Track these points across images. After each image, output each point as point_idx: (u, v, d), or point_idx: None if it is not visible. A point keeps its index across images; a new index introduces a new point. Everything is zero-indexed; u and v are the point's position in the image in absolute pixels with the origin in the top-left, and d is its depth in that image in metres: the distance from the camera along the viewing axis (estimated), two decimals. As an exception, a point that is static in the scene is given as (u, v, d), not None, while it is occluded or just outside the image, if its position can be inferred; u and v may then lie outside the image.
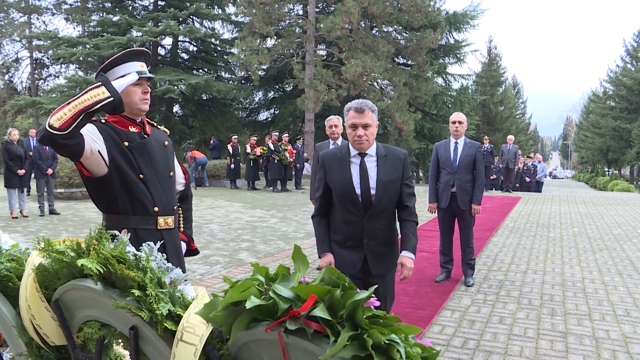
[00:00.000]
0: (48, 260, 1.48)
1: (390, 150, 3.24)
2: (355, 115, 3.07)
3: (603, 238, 9.42)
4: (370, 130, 3.09)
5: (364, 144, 3.10)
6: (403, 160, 3.21)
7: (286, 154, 18.26)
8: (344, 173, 3.16)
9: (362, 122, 3.05)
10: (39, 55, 32.84)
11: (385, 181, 3.13)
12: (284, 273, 1.05)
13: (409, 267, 3.09)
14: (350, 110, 3.10)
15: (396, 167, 3.17)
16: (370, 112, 3.08)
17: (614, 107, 46.39)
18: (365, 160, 3.16)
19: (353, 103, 3.10)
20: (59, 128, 2.34)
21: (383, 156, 3.17)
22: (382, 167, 3.15)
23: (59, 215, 11.71)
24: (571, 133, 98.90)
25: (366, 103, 3.09)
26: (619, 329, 4.60)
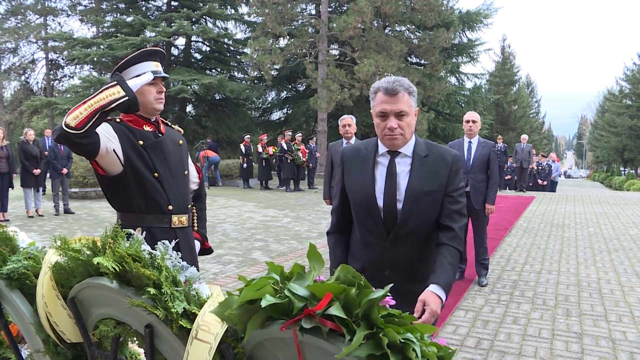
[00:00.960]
0: (64, 258, 1.49)
1: (435, 149, 2.35)
2: (385, 99, 2.19)
3: (619, 238, 9.32)
4: (407, 121, 2.21)
5: (397, 139, 2.23)
6: (450, 164, 2.29)
7: (299, 153, 18.28)
8: (365, 176, 2.33)
9: (394, 108, 2.18)
10: (54, 56, 33.15)
11: (417, 192, 2.24)
12: (299, 272, 1.05)
13: (433, 310, 1.99)
14: (379, 92, 2.24)
15: (438, 173, 2.27)
16: (406, 94, 2.19)
17: (631, 105, 45.89)
18: (395, 162, 2.30)
19: (382, 82, 2.23)
20: (75, 127, 2.36)
21: (422, 157, 2.30)
22: (417, 171, 2.27)
23: (73, 215, 11.81)
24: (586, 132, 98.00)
25: (401, 82, 2.20)
26: (636, 331, 4.55)
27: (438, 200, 2.28)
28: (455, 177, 2.30)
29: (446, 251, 2.23)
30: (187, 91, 23.76)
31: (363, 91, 22.16)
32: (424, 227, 2.30)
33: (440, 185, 2.27)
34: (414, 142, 2.33)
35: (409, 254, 2.31)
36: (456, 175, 2.30)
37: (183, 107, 28.54)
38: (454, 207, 2.29)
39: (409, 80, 2.25)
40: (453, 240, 2.25)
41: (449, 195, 2.28)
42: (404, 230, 2.27)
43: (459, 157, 2.35)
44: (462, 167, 2.36)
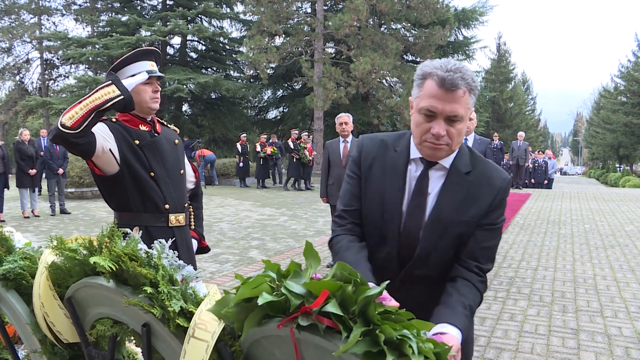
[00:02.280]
0: (61, 258, 1.49)
1: (481, 165, 1.76)
2: (437, 93, 1.59)
3: (615, 235, 9.35)
4: (459, 127, 1.63)
5: (441, 150, 1.66)
6: (497, 190, 1.72)
7: (305, 152, 18.28)
8: (392, 187, 1.75)
9: (447, 109, 1.59)
10: (49, 56, 33.05)
11: (446, 220, 1.70)
12: (295, 269, 1.05)
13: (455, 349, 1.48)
14: (430, 79, 1.61)
15: (478, 198, 1.71)
16: (467, 91, 1.60)
17: (626, 102, 46.03)
18: (429, 174, 1.74)
19: (438, 65, 1.61)
20: (70, 127, 2.36)
21: (462, 173, 1.72)
22: (450, 192, 1.71)
23: (69, 215, 11.79)
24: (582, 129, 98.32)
25: (463, 72, 1.58)
26: (631, 326, 4.57)
27: (470, 235, 1.72)
28: (498, 209, 1.73)
29: (467, 290, 1.68)
30: (183, 90, 23.73)
31: (359, 89, 22.18)
32: (445, 270, 1.75)
33: (476, 215, 1.70)
34: (457, 152, 1.74)
35: (422, 299, 1.71)
36: (499, 207, 1.74)
37: (179, 106, 28.50)
38: (484, 244, 1.73)
39: (470, 70, 1.63)
40: (480, 282, 1.71)
41: (482, 227, 1.72)
42: (420, 269, 1.74)
43: (509, 182, 1.78)
44: (507, 197, 1.77)
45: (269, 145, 19.30)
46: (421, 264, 1.72)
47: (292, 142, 18.57)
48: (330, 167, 6.72)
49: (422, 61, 15.70)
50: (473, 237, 1.71)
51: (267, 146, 19.02)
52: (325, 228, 9.79)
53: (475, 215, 1.70)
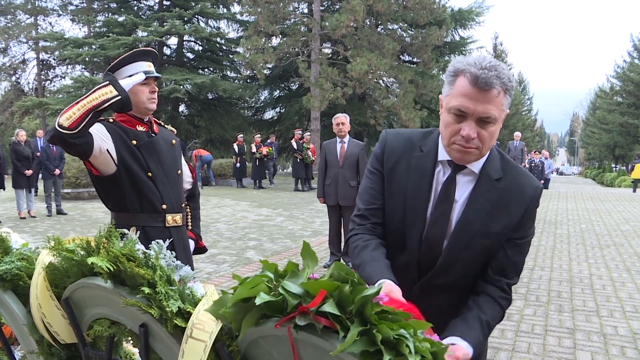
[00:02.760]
0: (58, 258, 1.49)
1: (513, 171, 1.65)
2: (469, 92, 1.47)
3: (611, 234, 9.38)
4: (491, 130, 1.51)
5: (471, 154, 1.54)
6: (530, 199, 1.61)
7: (309, 152, 18.28)
8: (417, 190, 1.63)
9: (480, 110, 1.47)
10: (45, 57, 33.01)
11: (474, 230, 1.58)
12: (293, 269, 1.05)
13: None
14: (462, 76, 1.49)
15: (509, 208, 1.59)
16: (502, 91, 1.47)
17: (621, 102, 46.17)
18: (457, 179, 1.62)
19: (472, 62, 1.48)
20: (68, 127, 2.36)
21: (493, 180, 1.60)
22: (479, 200, 1.59)
23: (66, 215, 11.77)
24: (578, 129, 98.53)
25: (499, 71, 1.46)
26: (627, 325, 4.59)
27: (499, 246, 1.60)
28: (529, 220, 1.62)
29: (489, 306, 1.59)
30: (179, 91, 23.71)
31: (356, 89, 22.19)
32: (467, 280, 1.65)
33: (506, 227, 1.58)
34: (487, 156, 1.62)
35: (441, 308, 1.63)
36: (531, 218, 1.63)
37: (176, 107, 28.47)
38: (513, 259, 1.62)
39: (506, 68, 1.51)
40: (503, 299, 1.62)
41: (512, 241, 1.60)
42: (441, 279, 1.63)
43: (541, 190, 1.66)
44: (537, 206, 1.66)
45: (265, 146, 19.31)
46: (442, 274, 1.62)
47: (296, 143, 18.58)
48: (327, 167, 6.73)
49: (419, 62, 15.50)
50: (502, 252, 1.60)
51: (262, 146, 19.02)
52: (323, 228, 9.79)
53: (505, 226, 1.58)
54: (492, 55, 52.46)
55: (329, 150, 6.72)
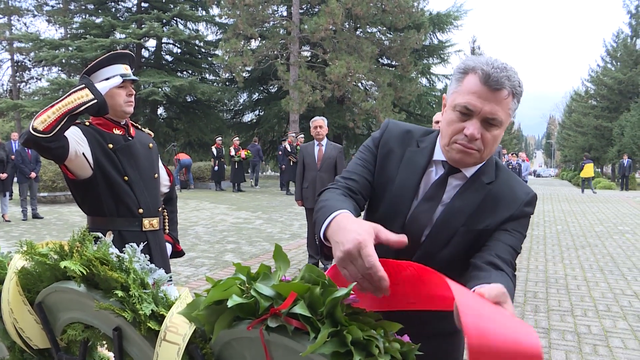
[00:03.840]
0: (31, 263, 1.48)
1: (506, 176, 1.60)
2: (478, 90, 1.41)
3: (585, 235, 9.54)
4: (495, 134, 1.46)
5: (471, 155, 1.49)
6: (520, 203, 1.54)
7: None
8: (406, 183, 1.59)
9: (487, 110, 1.42)
10: (20, 58, 32.50)
11: (454, 228, 1.53)
12: (265, 272, 1.06)
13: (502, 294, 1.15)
14: (472, 74, 1.44)
15: (495, 208, 1.53)
16: (511, 94, 1.43)
17: (596, 106, 46.95)
18: (448, 180, 1.57)
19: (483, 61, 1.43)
20: (42, 131, 2.34)
21: (483, 183, 1.55)
22: (465, 197, 1.54)
23: (42, 219, 11.60)
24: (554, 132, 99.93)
25: (509, 73, 1.41)
26: (599, 324, 4.67)
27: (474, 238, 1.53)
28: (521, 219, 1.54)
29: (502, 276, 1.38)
30: (158, 93, 23.54)
31: (335, 92, 22.24)
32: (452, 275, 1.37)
33: (489, 225, 1.52)
34: (486, 163, 1.58)
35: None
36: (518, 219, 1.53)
37: (154, 110, 28.26)
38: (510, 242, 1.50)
39: (517, 73, 1.45)
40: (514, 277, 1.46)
41: (504, 229, 1.52)
42: None
43: (534, 199, 1.58)
44: (530, 214, 1.58)
45: (245, 149, 19.26)
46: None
47: (290, 145, 18.56)
48: (305, 170, 6.74)
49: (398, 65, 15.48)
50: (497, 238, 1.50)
51: (241, 150, 18.96)
52: (301, 231, 9.80)
53: (489, 225, 1.51)
54: (470, 58, 52.96)
55: (306, 153, 6.74)
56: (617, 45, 45.35)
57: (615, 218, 12.06)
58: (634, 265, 7.06)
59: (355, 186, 1.60)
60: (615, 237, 9.36)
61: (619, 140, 39.47)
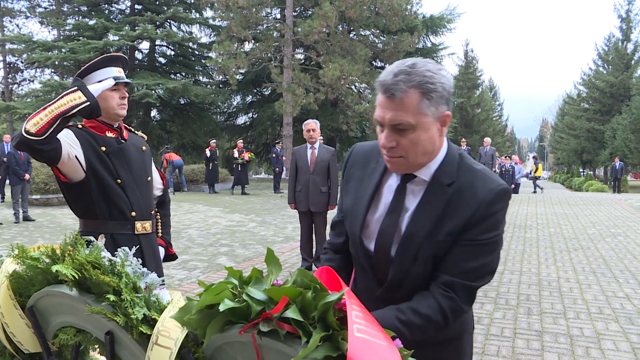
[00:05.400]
0: (22, 267, 1.47)
1: (468, 175, 1.50)
2: (381, 101, 1.45)
3: (578, 238, 9.58)
4: (412, 137, 1.42)
5: (395, 163, 1.48)
6: (479, 203, 1.45)
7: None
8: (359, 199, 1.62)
9: (388, 118, 1.42)
10: (12, 59, 32.34)
11: (420, 240, 1.48)
12: (257, 276, 1.07)
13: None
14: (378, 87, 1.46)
15: (456, 211, 1.46)
16: (415, 94, 1.38)
17: (588, 109, 47.24)
18: (407, 188, 1.54)
19: (387, 71, 1.44)
20: (35, 133, 2.33)
21: (444, 185, 1.49)
22: (426, 206, 1.49)
23: (34, 222, 11.54)
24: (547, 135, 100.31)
25: (410, 75, 1.38)
26: (592, 326, 4.69)
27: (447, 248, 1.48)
28: (480, 223, 1.45)
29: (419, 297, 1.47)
30: (151, 96, 23.49)
31: (328, 95, 22.27)
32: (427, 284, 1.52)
33: (451, 232, 1.46)
34: (440, 162, 1.51)
35: None
36: (482, 221, 1.45)
37: (147, 112, 28.19)
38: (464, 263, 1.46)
39: (433, 66, 1.42)
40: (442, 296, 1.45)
41: (459, 243, 1.46)
42: (398, 293, 1.53)
43: (499, 193, 1.47)
44: (499, 210, 1.48)
45: (248, 151, 19.20)
46: (395, 288, 1.53)
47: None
48: (297, 173, 6.74)
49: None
50: (449, 253, 1.47)
51: (244, 152, 18.87)
52: (295, 234, 9.79)
53: (450, 232, 1.45)
54: (463, 61, 53.20)
55: (299, 156, 6.74)
56: (608, 49, 45.67)
57: (608, 221, 12.12)
58: (626, 267, 7.10)
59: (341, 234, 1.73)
60: (608, 239, 9.41)
61: (611, 143, 39.72)
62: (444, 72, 1.43)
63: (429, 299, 1.45)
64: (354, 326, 0.93)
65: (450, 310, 1.44)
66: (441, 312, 1.43)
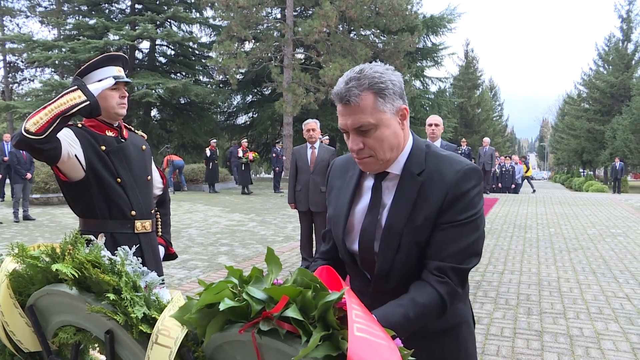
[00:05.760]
0: (22, 266, 1.47)
1: (435, 161, 1.58)
2: (341, 109, 1.53)
3: (578, 238, 9.57)
4: (376, 135, 1.51)
5: (367, 163, 1.57)
6: (448, 186, 1.51)
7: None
8: (339, 204, 1.72)
9: (350, 123, 1.51)
10: (12, 59, 32.33)
11: (398, 229, 1.54)
12: (257, 275, 1.06)
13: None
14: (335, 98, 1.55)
15: (427, 198, 1.53)
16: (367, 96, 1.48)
17: (588, 109, 47.20)
18: (382, 186, 1.62)
19: (340, 82, 1.53)
20: (35, 132, 2.33)
21: (414, 175, 1.56)
22: (401, 196, 1.57)
23: (34, 221, 11.55)
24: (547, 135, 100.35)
25: (359, 80, 1.48)
26: (592, 326, 4.69)
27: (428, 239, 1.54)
28: (454, 205, 1.50)
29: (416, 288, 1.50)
30: (151, 95, 23.49)
31: (328, 95, 22.25)
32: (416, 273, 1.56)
33: (427, 218, 1.51)
34: (408, 154, 1.60)
35: None
36: (456, 202, 1.50)
37: (148, 111, 28.19)
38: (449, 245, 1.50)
39: (380, 68, 1.52)
40: (438, 282, 1.49)
41: (439, 227, 1.51)
42: (387, 285, 1.60)
43: (468, 173, 1.53)
44: (471, 189, 1.52)
45: (252, 151, 19.18)
46: (383, 280, 1.60)
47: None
48: (297, 173, 6.74)
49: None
50: (432, 239, 1.52)
51: (248, 152, 18.85)
52: (295, 234, 9.79)
53: (427, 217, 1.51)
54: (464, 61, 53.19)
55: (299, 156, 6.74)
56: (609, 49, 45.65)
57: (608, 221, 12.12)
58: (626, 267, 7.09)
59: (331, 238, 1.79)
60: (608, 239, 9.41)
61: (611, 143, 39.71)
62: (390, 71, 1.53)
63: (426, 287, 1.49)
64: (354, 325, 0.93)
65: (447, 295, 1.48)
66: (440, 298, 1.48)
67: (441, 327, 1.62)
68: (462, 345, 1.69)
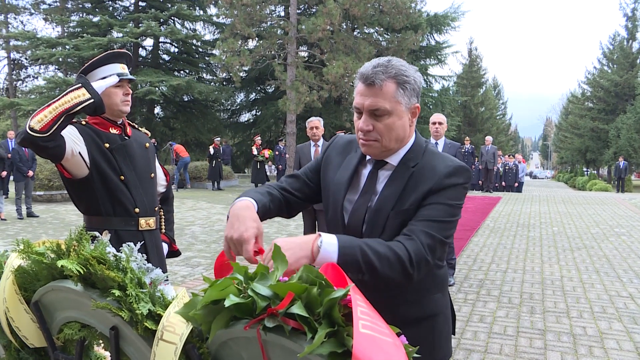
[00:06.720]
0: (27, 262, 1.48)
1: (430, 157, 1.69)
2: (360, 89, 1.63)
3: (581, 237, 9.56)
4: (387, 122, 1.60)
5: (370, 146, 1.65)
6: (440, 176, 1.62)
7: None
8: (339, 182, 1.77)
9: (367, 104, 1.59)
10: (17, 56, 32.38)
11: (386, 212, 1.64)
12: (262, 272, 1.07)
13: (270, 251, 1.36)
14: (358, 78, 1.67)
15: (418, 186, 1.63)
16: (391, 84, 1.58)
17: (592, 108, 47.05)
18: (378, 174, 1.72)
19: (366, 65, 1.64)
20: (39, 130, 2.34)
21: (408, 167, 1.67)
22: (392, 183, 1.66)
23: (38, 218, 11.57)
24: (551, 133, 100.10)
25: (387, 67, 1.59)
26: (595, 326, 4.68)
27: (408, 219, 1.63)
28: (439, 192, 1.60)
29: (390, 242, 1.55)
30: (155, 93, 23.52)
31: (332, 93, 22.24)
32: None
33: (414, 202, 1.61)
34: (408, 149, 1.70)
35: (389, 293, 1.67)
36: (442, 190, 1.60)
37: (151, 109, 28.22)
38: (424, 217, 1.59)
39: (407, 64, 1.64)
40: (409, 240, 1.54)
41: (422, 206, 1.61)
42: None
43: (458, 170, 1.63)
44: (458, 184, 1.63)
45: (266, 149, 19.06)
46: None
47: None
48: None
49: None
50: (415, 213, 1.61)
51: (263, 149, 18.69)
52: (297, 232, 9.80)
53: (413, 202, 1.61)
54: (467, 59, 53.05)
55: (302, 154, 6.74)
56: (613, 48, 45.49)
57: (611, 220, 12.09)
58: (630, 267, 7.08)
59: (294, 184, 1.87)
60: (611, 239, 9.39)
61: (615, 143, 39.60)
62: (414, 69, 1.66)
63: (394, 242, 1.55)
64: (359, 322, 0.93)
65: (413, 252, 1.52)
66: (406, 251, 1.52)
67: (417, 315, 1.72)
68: (437, 335, 1.76)
